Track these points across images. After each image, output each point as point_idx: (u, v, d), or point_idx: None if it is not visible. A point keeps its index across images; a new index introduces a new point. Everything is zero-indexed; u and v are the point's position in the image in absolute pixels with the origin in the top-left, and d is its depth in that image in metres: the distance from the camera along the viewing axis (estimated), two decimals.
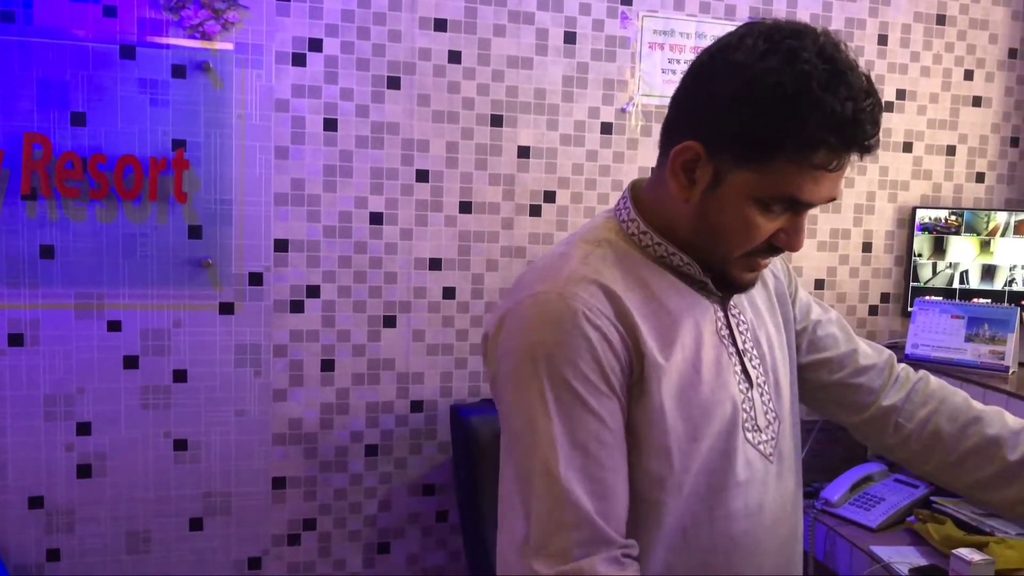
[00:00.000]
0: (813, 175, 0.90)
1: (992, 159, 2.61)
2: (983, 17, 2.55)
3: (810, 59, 0.87)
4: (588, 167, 2.33)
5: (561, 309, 0.94)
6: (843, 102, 0.86)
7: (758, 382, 1.06)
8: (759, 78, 0.88)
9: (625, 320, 0.95)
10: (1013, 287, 2.46)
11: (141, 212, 2.07)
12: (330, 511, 2.27)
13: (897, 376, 1.20)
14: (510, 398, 0.96)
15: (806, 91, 0.86)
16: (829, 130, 0.87)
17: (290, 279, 2.18)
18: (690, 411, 0.98)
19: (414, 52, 2.19)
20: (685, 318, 1.01)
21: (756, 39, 0.90)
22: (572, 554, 0.88)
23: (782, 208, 0.93)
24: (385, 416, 2.27)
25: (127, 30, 2.02)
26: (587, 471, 0.91)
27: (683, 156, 0.95)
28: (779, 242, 0.96)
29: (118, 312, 2.08)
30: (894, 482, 2.16)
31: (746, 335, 1.07)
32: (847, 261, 2.54)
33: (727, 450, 1.00)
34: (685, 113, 0.97)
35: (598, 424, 0.92)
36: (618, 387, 0.94)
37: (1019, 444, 1.11)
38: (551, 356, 0.93)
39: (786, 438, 1.09)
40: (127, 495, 2.14)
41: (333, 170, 2.17)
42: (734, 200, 0.94)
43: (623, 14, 2.31)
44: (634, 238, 1.03)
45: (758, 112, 0.88)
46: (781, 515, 1.07)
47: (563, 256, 1.02)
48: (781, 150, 0.89)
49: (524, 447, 0.93)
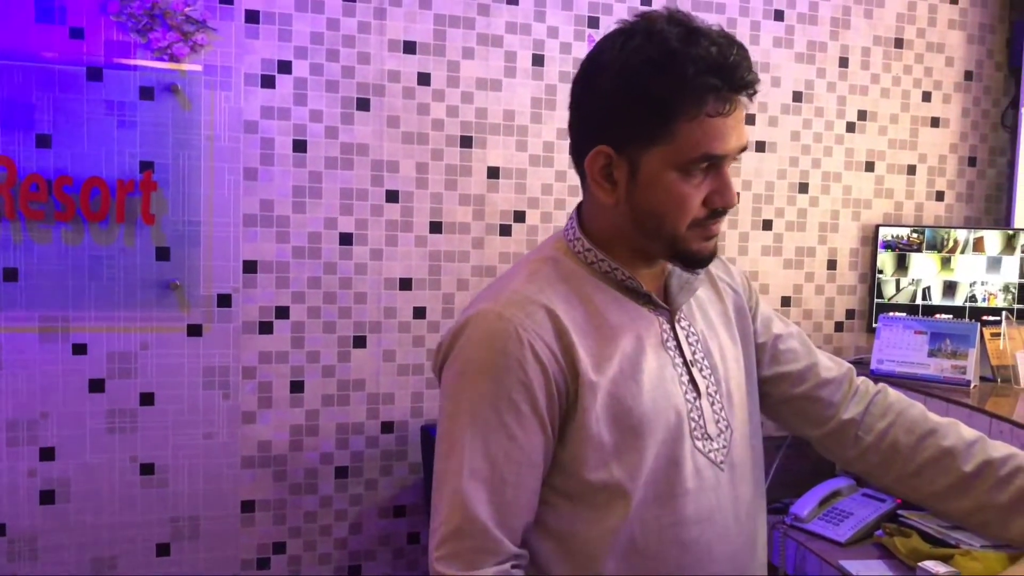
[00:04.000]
0: (714, 125, 0.95)
1: (951, 178, 2.67)
2: (939, 40, 2.62)
3: (663, 28, 0.96)
4: (557, 187, 2.35)
5: (497, 328, 0.99)
6: (707, 48, 0.94)
7: (708, 392, 1.08)
8: (629, 62, 0.95)
9: (563, 339, 0.99)
10: (973, 303, 2.51)
11: (108, 234, 2.05)
12: (300, 534, 2.25)
13: (856, 389, 1.22)
14: (442, 407, 1.02)
15: (672, 51, 0.94)
16: (707, 73, 0.93)
17: (259, 300, 2.17)
18: (629, 421, 1.00)
19: (383, 74, 2.21)
20: (626, 331, 1.04)
21: (613, 38, 0.99)
22: (464, 560, 0.95)
23: (702, 171, 0.98)
24: (355, 437, 2.26)
25: (94, 52, 2.01)
26: (490, 484, 0.96)
27: (597, 163, 1.01)
28: (715, 203, 1.00)
29: (84, 335, 2.06)
30: (862, 496, 2.18)
31: (696, 346, 1.09)
32: (813, 278, 2.58)
33: (674, 458, 1.02)
34: (582, 128, 1.04)
35: (509, 441, 0.97)
36: (543, 407, 0.98)
37: (973, 455, 1.13)
38: (480, 372, 0.98)
39: (739, 447, 1.10)
40: (92, 521, 2.10)
41: (302, 191, 2.17)
42: (656, 181, 0.98)
43: (590, 37, 2.35)
44: (580, 256, 1.07)
45: (640, 90, 0.95)
46: (734, 523, 1.08)
47: (510, 276, 1.07)
48: (675, 114, 0.94)
49: (442, 454, 0.99)
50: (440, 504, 0.97)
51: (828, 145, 2.56)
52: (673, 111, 0.94)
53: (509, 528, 0.97)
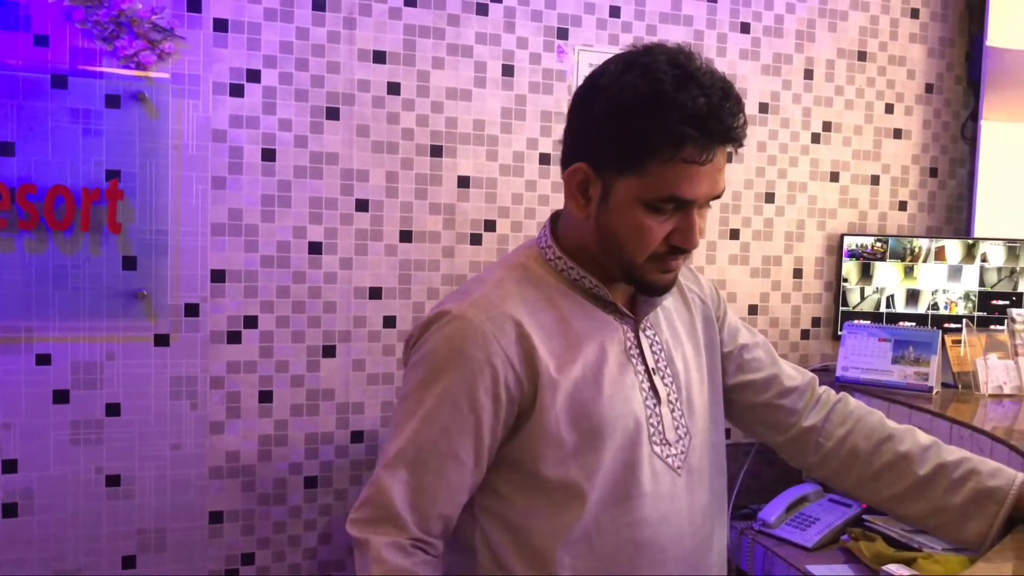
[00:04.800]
0: (687, 171, 0.97)
1: (913, 188, 2.72)
2: (901, 54, 2.67)
3: (661, 67, 0.98)
4: (527, 197, 2.36)
5: (458, 329, 1.03)
6: (695, 99, 0.95)
7: (668, 399, 1.10)
8: (621, 92, 0.98)
9: (524, 343, 1.03)
10: (935, 311, 2.56)
11: (72, 243, 2.03)
12: (269, 545, 2.23)
13: (819, 398, 1.25)
14: (401, 393, 1.09)
15: (660, 93, 0.96)
16: (688, 124, 0.95)
17: (227, 310, 2.15)
18: (588, 423, 1.04)
19: (353, 83, 2.21)
20: (590, 337, 1.07)
21: (617, 63, 1.02)
22: (368, 525, 1.03)
23: (670, 209, 1.00)
24: (325, 447, 2.25)
25: (59, 59, 1.99)
26: (411, 467, 1.03)
27: (575, 178, 1.04)
28: (676, 241, 1.02)
29: (48, 345, 2.03)
30: (828, 502, 2.21)
31: (659, 354, 1.12)
32: (779, 287, 2.62)
33: (631, 461, 1.06)
34: (571, 140, 1.07)
35: (440, 433, 1.03)
36: (484, 410, 1.02)
37: (928, 459, 1.16)
38: (433, 367, 1.04)
39: (698, 453, 1.13)
40: (56, 534, 2.07)
41: (271, 200, 2.17)
42: (624, 208, 1.01)
43: (559, 48, 2.37)
44: (551, 263, 1.11)
45: (625, 122, 0.98)
46: (689, 526, 1.10)
47: (479, 281, 1.10)
48: (652, 152, 0.97)
49: (388, 436, 1.07)
50: (372, 479, 1.05)
51: (794, 156, 2.60)
52: (648, 150, 0.97)
53: (420, 513, 1.02)
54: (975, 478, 1.13)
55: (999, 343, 2.28)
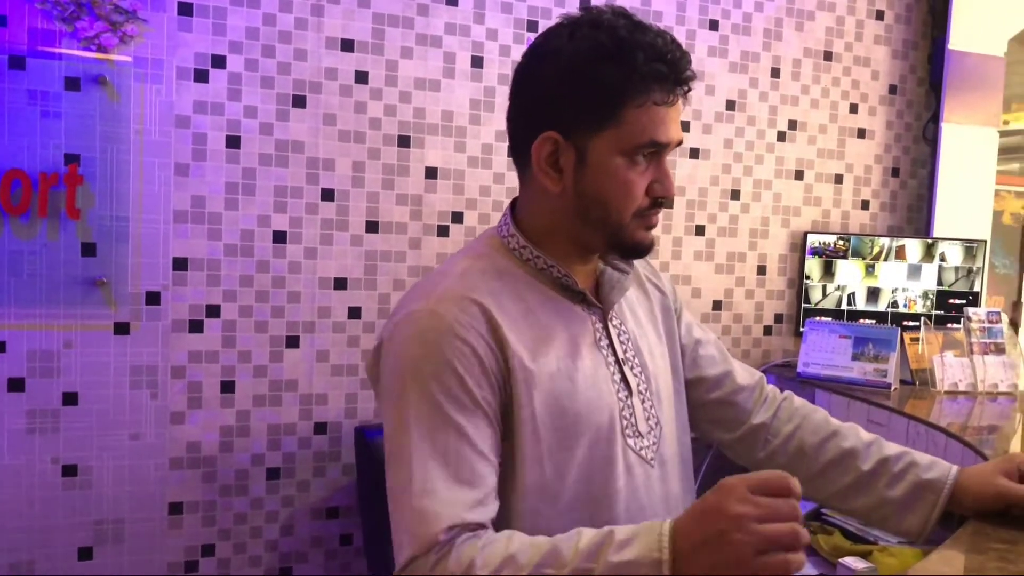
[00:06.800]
0: (659, 114, 0.99)
1: (876, 188, 2.76)
2: (866, 55, 2.71)
3: (611, 19, 0.99)
4: (496, 189, 2.36)
5: (431, 326, 0.97)
6: (654, 38, 0.98)
7: (639, 389, 1.10)
8: (579, 49, 0.98)
9: (496, 335, 0.98)
10: (895, 309, 2.60)
11: (29, 228, 1.98)
12: (229, 536, 2.21)
13: (766, 396, 1.28)
14: (386, 411, 0.99)
15: (621, 39, 0.97)
16: (655, 60, 0.97)
17: (189, 298, 2.12)
18: (564, 420, 1.01)
19: (320, 71, 2.18)
20: (560, 330, 1.04)
21: (558, 29, 1.02)
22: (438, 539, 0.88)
23: (645, 159, 1.01)
24: (287, 438, 2.23)
25: (17, 40, 1.94)
26: (443, 480, 0.91)
27: (544, 150, 1.01)
28: (656, 192, 1.03)
29: (3, 332, 1.99)
30: None
31: (627, 344, 1.11)
32: (743, 283, 2.64)
33: (607, 457, 1.03)
34: (527, 115, 1.04)
35: (459, 438, 0.94)
36: (485, 402, 0.96)
37: (871, 455, 1.18)
38: (419, 371, 0.95)
39: (668, 443, 1.13)
40: (9, 525, 2.03)
41: (235, 187, 2.14)
42: (604, 165, 1.00)
43: (529, 40, 2.36)
44: (515, 252, 1.08)
45: (591, 75, 0.97)
46: (666, 517, 1.10)
47: (442, 274, 1.05)
48: (624, 100, 0.98)
49: (393, 458, 0.95)
50: (401, 521, 0.91)
51: (760, 153, 2.62)
52: (622, 97, 0.97)
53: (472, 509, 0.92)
54: (914, 471, 1.15)
55: (955, 341, 2.33)
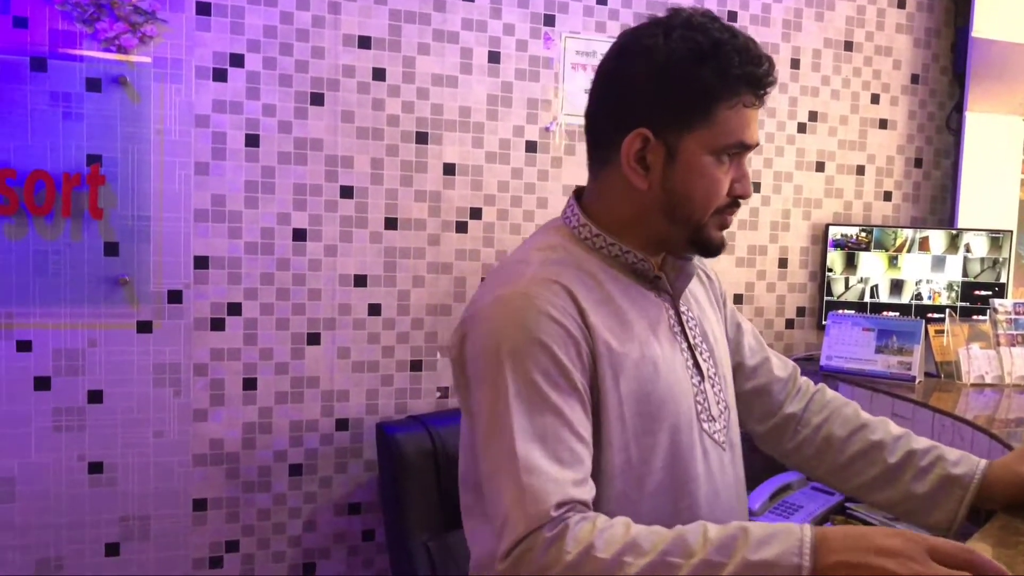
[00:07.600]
0: (747, 116, 1.02)
1: (898, 179, 2.73)
2: (887, 44, 2.67)
3: (703, 22, 1.01)
4: (514, 184, 2.35)
5: (525, 307, 0.97)
6: (746, 42, 1.01)
7: (709, 374, 1.12)
8: (675, 49, 1.00)
9: (584, 319, 0.99)
10: (919, 301, 2.57)
11: (53, 229, 2.01)
12: (253, 532, 2.23)
13: (799, 387, 1.28)
14: (479, 397, 0.97)
15: (717, 41, 1.00)
16: (749, 64, 1.00)
17: (211, 296, 2.14)
18: (648, 406, 1.02)
19: (338, 69, 2.19)
20: (638, 317, 1.05)
21: (650, 29, 1.03)
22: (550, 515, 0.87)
23: (729, 158, 1.03)
24: (309, 435, 2.24)
25: (38, 42, 1.96)
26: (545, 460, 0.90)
27: (634, 147, 1.02)
28: (736, 192, 1.05)
29: (28, 331, 2.01)
30: (811, 490, 2.23)
31: (695, 330, 1.13)
32: (764, 276, 2.62)
33: (688, 443, 1.05)
34: (612, 115, 1.05)
35: (556, 419, 0.93)
36: (580, 384, 0.97)
37: (898, 448, 1.18)
38: (516, 352, 0.95)
39: (734, 427, 1.16)
40: (37, 521, 2.06)
41: (255, 186, 2.15)
42: (694, 163, 1.02)
43: (546, 35, 2.35)
44: (587, 242, 1.08)
45: (687, 74, 0.99)
46: (736, 500, 1.12)
47: (521, 263, 1.05)
48: (717, 100, 1.00)
49: (486, 439, 0.94)
50: (504, 500, 0.90)
51: (780, 145, 2.60)
52: (716, 97, 1.00)
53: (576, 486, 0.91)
54: (941, 464, 1.15)
55: (981, 333, 2.30)
